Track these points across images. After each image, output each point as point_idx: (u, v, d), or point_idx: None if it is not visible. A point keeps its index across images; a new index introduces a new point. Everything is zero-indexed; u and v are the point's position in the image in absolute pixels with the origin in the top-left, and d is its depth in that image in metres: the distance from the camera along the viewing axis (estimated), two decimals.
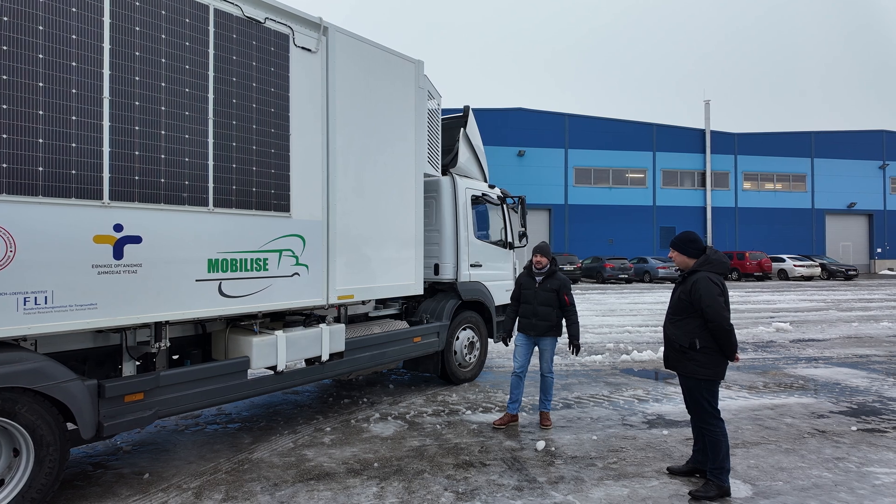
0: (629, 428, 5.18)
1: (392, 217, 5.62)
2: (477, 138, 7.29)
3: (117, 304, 3.55)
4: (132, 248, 3.62)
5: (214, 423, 5.33)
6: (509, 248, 7.62)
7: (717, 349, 3.69)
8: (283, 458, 4.42)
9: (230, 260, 4.18)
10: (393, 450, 4.58)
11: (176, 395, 3.93)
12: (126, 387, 3.65)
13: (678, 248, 3.95)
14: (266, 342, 4.47)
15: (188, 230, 3.92)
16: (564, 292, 5.18)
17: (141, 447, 4.67)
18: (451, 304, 6.51)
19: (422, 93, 5.96)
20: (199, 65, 3.96)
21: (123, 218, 3.57)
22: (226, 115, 4.13)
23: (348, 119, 5.09)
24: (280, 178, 4.51)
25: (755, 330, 11.80)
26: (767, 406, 5.93)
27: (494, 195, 7.41)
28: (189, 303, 3.95)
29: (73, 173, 3.33)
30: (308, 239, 4.74)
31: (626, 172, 36.80)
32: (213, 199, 4.06)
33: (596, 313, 15.08)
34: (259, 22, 4.34)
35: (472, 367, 6.94)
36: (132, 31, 3.59)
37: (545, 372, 5.27)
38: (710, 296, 3.64)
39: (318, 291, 4.84)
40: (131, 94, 3.59)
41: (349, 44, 5.09)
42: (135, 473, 4.09)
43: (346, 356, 5.19)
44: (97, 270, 3.45)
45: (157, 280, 3.75)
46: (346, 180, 5.07)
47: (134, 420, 3.70)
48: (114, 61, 3.50)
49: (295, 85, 4.62)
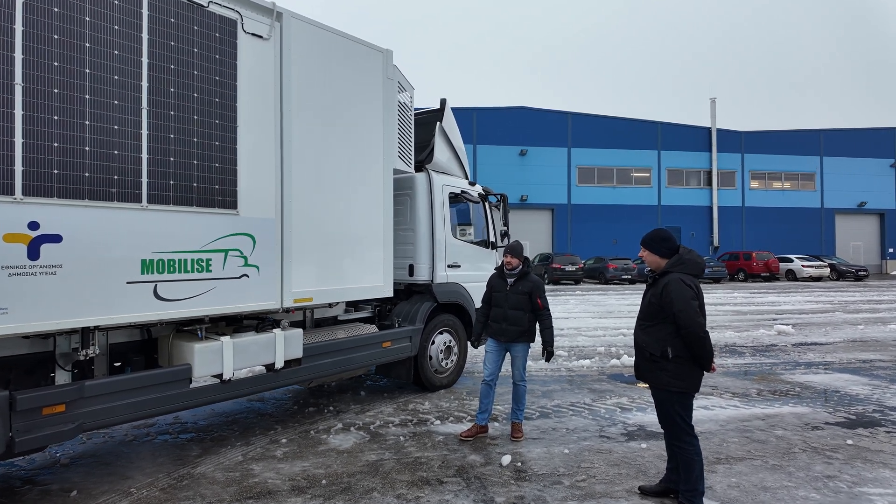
0: (606, 440, 4.83)
1: (357, 215, 5.31)
2: (455, 133, 6.96)
3: (33, 308, 3.26)
4: (51, 248, 3.33)
5: (167, 433, 5.05)
6: (491, 247, 7.28)
7: (690, 358, 3.35)
8: (227, 472, 4.12)
9: (167, 260, 3.89)
10: (347, 465, 4.27)
11: (104, 407, 3.64)
12: (43, 398, 3.37)
13: (649, 247, 3.61)
14: (209, 349, 4.17)
15: (118, 228, 3.63)
16: (537, 295, 4.85)
17: (80, 460, 4.40)
18: (425, 306, 6.19)
19: (391, 84, 5.64)
20: (131, 50, 3.67)
21: (40, 215, 3.28)
22: (162, 105, 3.84)
23: (306, 110, 4.79)
24: (225, 173, 4.21)
25: (755, 333, 11.38)
26: (758, 416, 5.55)
27: (475, 192, 7.08)
28: (119, 306, 3.66)
29: None
30: (259, 238, 4.43)
31: (630, 171, 36.30)
32: (146, 195, 3.76)
33: (593, 315, 14.71)
34: (202, 5, 4.04)
35: (449, 372, 6.62)
36: (49, 13, 3.30)
37: (517, 380, 4.94)
38: (682, 299, 3.29)
39: (270, 294, 4.54)
40: (47, 80, 3.30)
41: (306, 31, 4.79)
42: (63, 490, 3.81)
43: (305, 363, 4.88)
44: (8, 272, 3.16)
45: (80, 282, 3.46)
46: (303, 176, 4.76)
47: (53, 434, 3.40)
48: (28, 45, 3.22)
49: (243, 74, 4.32)
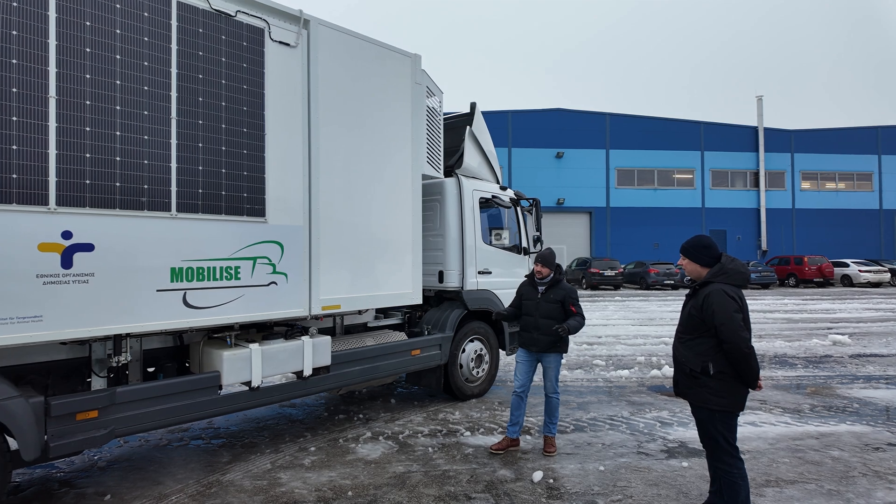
0: (644, 457, 4.59)
1: (385, 221, 5.25)
2: (486, 137, 6.84)
3: (66, 316, 3.33)
4: (83, 257, 3.40)
5: (199, 439, 5.10)
6: (524, 253, 7.11)
7: (734, 375, 3.11)
8: (255, 481, 4.11)
9: (196, 268, 3.92)
10: (374, 476, 4.20)
11: (135, 413, 3.69)
12: (77, 404, 3.43)
13: (689, 255, 3.39)
14: (238, 356, 4.19)
15: (148, 237, 3.68)
16: (570, 303, 4.66)
17: (116, 463, 4.48)
18: (455, 313, 6.08)
19: (419, 89, 5.58)
20: (160, 61, 3.72)
21: (73, 225, 3.35)
22: (191, 115, 3.88)
23: (334, 117, 4.77)
24: (254, 181, 4.22)
25: (808, 343, 10.74)
26: (812, 434, 5.18)
27: (506, 197, 6.93)
28: (149, 314, 3.70)
29: (15, 178, 3.13)
30: (287, 245, 4.43)
31: (672, 173, 35.22)
32: (176, 203, 3.80)
33: (633, 322, 14.23)
34: (229, 15, 4.08)
35: (481, 381, 6.48)
36: (81, 26, 3.38)
37: (550, 392, 4.76)
38: (724, 312, 3.06)
39: (299, 301, 4.52)
40: (81, 93, 3.37)
41: (334, 37, 4.78)
42: (97, 494, 3.87)
43: (333, 370, 4.85)
44: (43, 280, 3.24)
45: (112, 290, 3.51)
46: (331, 182, 4.74)
47: (86, 440, 3.47)
48: (61, 58, 3.29)
49: (271, 82, 4.33)
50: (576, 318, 4.59)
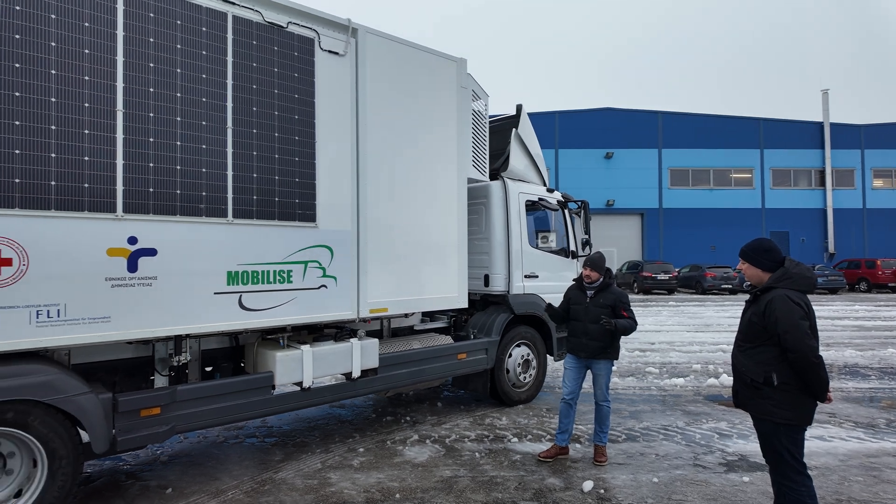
0: (701, 470, 4.39)
1: (431, 225, 5.28)
2: (532, 139, 6.76)
3: (131, 317, 3.52)
4: (147, 261, 3.58)
5: (253, 437, 5.28)
6: (572, 256, 6.98)
7: (800, 386, 2.92)
8: (306, 479, 4.20)
9: (251, 272, 4.06)
10: (421, 479, 4.21)
11: (194, 411, 3.85)
12: (141, 401, 3.62)
13: (749, 259, 3.21)
14: (291, 357, 4.30)
15: (206, 242, 3.84)
16: (622, 308, 4.53)
17: (176, 458, 4.69)
18: (501, 318, 6.02)
19: (465, 93, 5.58)
20: (217, 73, 3.89)
21: (138, 230, 3.54)
22: (246, 124, 4.03)
23: (381, 124, 4.84)
24: (305, 188, 4.34)
25: (883, 352, 10.00)
26: (888, 451, 4.81)
27: (553, 200, 6.82)
28: (207, 316, 3.86)
29: (86, 186, 3.34)
30: (336, 250, 4.52)
31: (729, 172, 33.73)
32: (232, 210, 3.96)
33: (688, 328, 13.69)
34: (281, 27, 4.21)
35: (528, 387, 6.39)
36: (146, 43, 3.57)
37: (600, 400, 4.63)
38: (789, 319, 2.88)
39: (347, 304, 4.61)
40: (145, 106, 3.57)
41: (381, 45, 4.85)
42: (160, 487, 4.06)
43: (381, 373, 4.90)
44: (111, 283, 3.43)
45: (173, 293, 3.69)
46: (378, 188, 4.81)
47: (150, 435, 3.65)
48: (127, 73, 3.49)
49: (321, 90, 4.44)
50: (628, 322, 4.45)
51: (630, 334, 4.61)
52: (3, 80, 3.07)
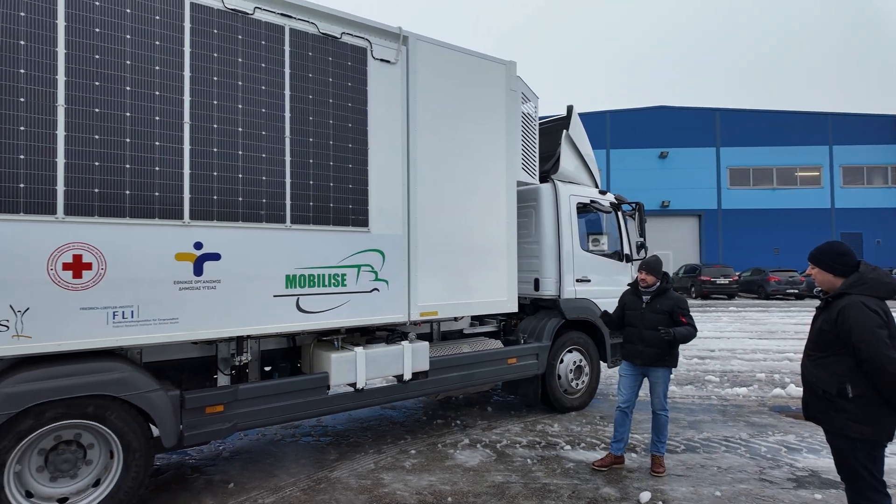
0: (767, 485, 4.16)
1: (480, 229, 5.27)
2: (583, 140, 6.64)
3: (197, 318, 3.70)
4: (212, 265, 3.77)
5: (309, 435, 5.43)
6: (626, 260, 6.79)
7: (879, 399, 2.72)
8: (359, 479, 4.28)
9: (308, 276, 4.19)
10: (473, 484, 4.20)
11: (254, 409, 4.01)
12: (206, 399, 3.80)
13: (820, 264, 3.02)
14: (345, 358, 4.41)
15: (266, 247, 4.00)
16: (680, 313, 4.37)
17: (238, 455, 4.89)
18: (552, 323, 5.94)
19: (514, 95, 5.55)
20: (276, 84, 4.05)
21: (203, 236, 3.73)
22: (302, 133, 4.17)
23: (431, 129, 4.89)
24: (358, 193, 4.44)
25: None
26: None
27: (606, 202, 6.67)
28: (267, 318, 4.01)
29: (157, 195, 3.55)
30: (388, 254, 4.60)
31: (794, 171, 31.92)
32: (290, 215, 4.10)
33: (750, 335, 13.03)
34: (335, 37, 4.34)
35: (581, 394, 6.26)
36: (210, 58, 3.76)
37: (657, 409, 4.48)
38: (864, 328, 2.70)
39: (398, 307, 4.68)
40: (210, 118, 3.76)
41: (431, 51, 4.90)
42: (222, 482, 4.25)
43: (431, 375, 4.94)
44: (179, 286, 3.63)
45: (235, 295, 3.86)
46: (428, 192, 4.86)
47: (213, 431, 3.82)
48: (193, 87, 3.69)
49: (373, 98, 4.54)
50: (687, 330, 4.29)
51: (689, 342, 4.44)
52: (85, 98, 3.31)
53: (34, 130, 3.18)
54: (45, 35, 3.21)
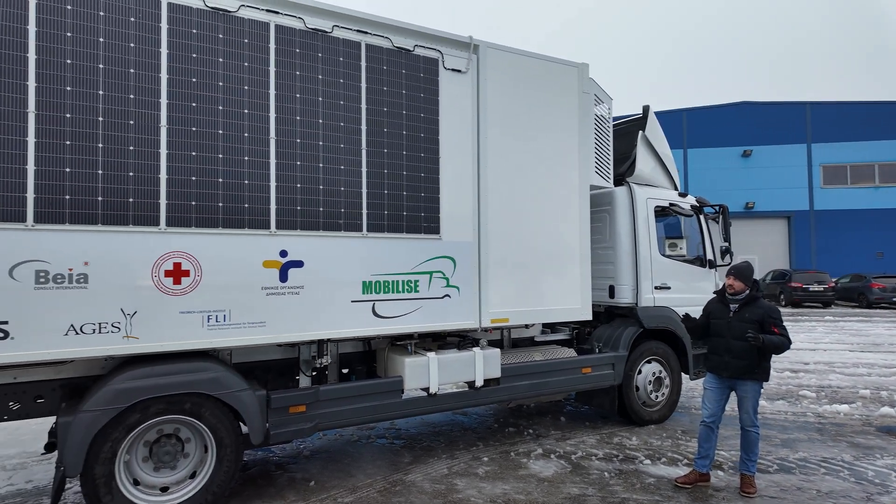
0: None
1: (552, 235, 5.19)
2: (661, 141, 6.38)
3: (282, 322, 3.91)
4: (295, 272, 3.96)
5: (383, 438, 5.55)
6: (709, 266, 6.44)
7: None
8: (434, 484, 4.33)
9: (383, 282, 4.31)
10: (548, 494, 4.12)
11: (334, 410, 4.16)
12: (290, 399, 3.99)
13: None
14: (418, 363, 4.48)
15: (344, 254, 4.16)
16: (772, 323, 4.08)
17: (317, 454, 5.09)
18: (629, 332, 5.73)
19: (586, 98, 5.44)
20: (353, 99, 4.21)
21: (288, 244, 3.94)
22: (378, 145, 4.30)
23: (501, 135, 4.89)
24: (430, 201, 4.52)
25: None
26: None
27: (686, 204, 6.37)
28: (345, 322, 4.17)
29: (246, 206, 3.79)
30: (459, 260, 4.64)
31: None
32: (366, 224, 4.24)
33: (850, 347, 11.93)
34: (408, 50, 4.45)
35: (660, 407, 5.98)
36: (293, 76, 3.98)
37: (747, 425, 4.20)
38: None
39: (469, 314, 4.70)
40: (293, 133, 3.97)
41: (501, 58, 4.91)
42: (304, 479, 4.43)
43: (503, 383, 4.91)
44: (266, 292, 3.85)
45: (316, 301, 4.04)
46: (498, 199, 4.86)
47: (296, 430, 4.01)
48: (279, 105, 3.92)
49: (445, 107, 4.60)
50: (779, 339, 4.00)
51: (782, 353, 4.14)
52: (183, 118, 3.60)
53: (141, 150, 3.49)
54: (150, 63, 3.53)
